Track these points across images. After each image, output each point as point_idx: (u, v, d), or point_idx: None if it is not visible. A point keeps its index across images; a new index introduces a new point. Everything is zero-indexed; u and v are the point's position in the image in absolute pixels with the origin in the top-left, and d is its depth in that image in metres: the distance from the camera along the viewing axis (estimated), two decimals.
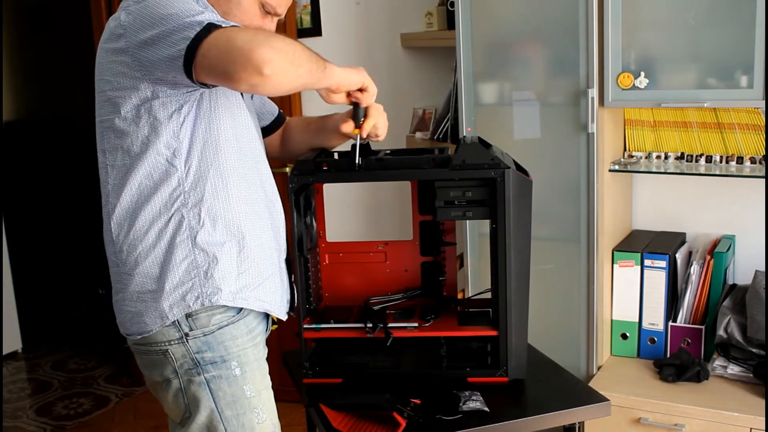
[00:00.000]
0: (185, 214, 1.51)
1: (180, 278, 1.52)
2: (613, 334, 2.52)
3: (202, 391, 1.55)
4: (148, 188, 1.51)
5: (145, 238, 1.52)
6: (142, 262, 1.53)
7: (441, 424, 1.59)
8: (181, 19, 1.38)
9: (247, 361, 1.59)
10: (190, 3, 1.43)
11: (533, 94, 2.43)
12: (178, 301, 1.52)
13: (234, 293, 1.55)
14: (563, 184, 2.40)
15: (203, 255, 1.52)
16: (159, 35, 1.40)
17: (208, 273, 1.53)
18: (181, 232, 1.52)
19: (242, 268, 1.56)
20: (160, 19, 1.40)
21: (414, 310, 1.87)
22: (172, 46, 1.38)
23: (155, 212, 1.52)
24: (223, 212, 1.54)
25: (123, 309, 1.60)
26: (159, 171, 1.50)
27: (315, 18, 3.19)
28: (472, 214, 1.69)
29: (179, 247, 1.52)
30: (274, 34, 1.42)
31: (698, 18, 2.20)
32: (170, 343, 1.55)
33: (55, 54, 5.29)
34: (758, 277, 2.34)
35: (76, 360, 4.25)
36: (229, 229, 1.54)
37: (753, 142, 2.36)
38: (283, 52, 1.36)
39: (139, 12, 1.43)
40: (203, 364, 1.54)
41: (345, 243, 1.97)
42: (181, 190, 1.51)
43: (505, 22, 2.46)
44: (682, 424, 2.22)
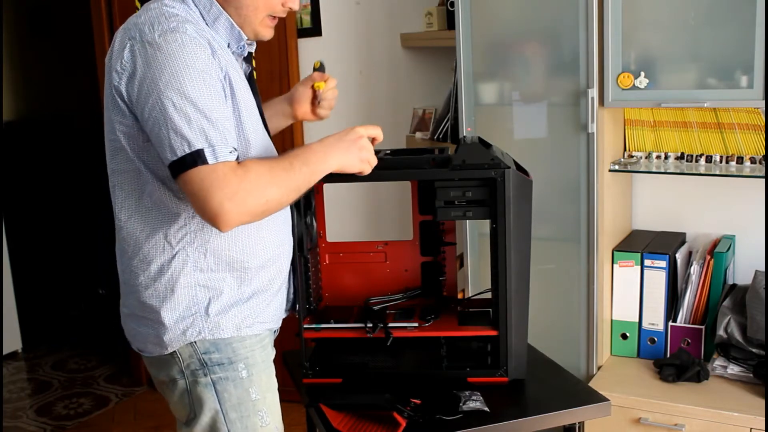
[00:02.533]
0: (191, 253, 1.51)
1: (180, 314, 1.52)
2: (613, 334, 2.52)
3: (207, 392, 1.54)
4: (154, 219, 1.51)
5: (147, 270, 1.52)
6: (143, 291, 1.53)
7: (441, 424, 1.59)
8: (184, 120, 1.38)
9: (254, 363, 1.58)
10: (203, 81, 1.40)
11: (533, 94, 2.43)
12: (179, 336, 1.53)
13: (237, 325, 1.55)
14: (563, 184, 2.40)
15: (204, 291, 1.53)
16: (161, 114, 1.39)
17: (209, 309, 1.53)
18: (185, 270, 1.51)
19: (244, 297, 1.56)
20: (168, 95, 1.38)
21: (414, 310, 1.87)
22: (163, 142, 1.39)
23: (160, 246, 1.51)
24: (228, 251, 1.53)
25: (128, 323, 1.62)
26: (166, 205, 1.50)
27: (315, 18, 3.19)
28: (472, 214, 1.69)
29: (182, 285, 1.51)
30: (255, 183, 1.40)
31: (698, 18, 2.20)
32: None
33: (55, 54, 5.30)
34: (758, 277, 2.34)
35: (76, 360, 4.25)
36: (232, 265, 1.54)
37: (753, 142, 2.36)
38: (253, 214, 1.40)
39: (153, 65, 1.40)
40: (210, 365, 1.54)
41: (345, 243, 1.97)
42: (187, 229, 1.51)
43: (505, 22, 2.46)
44: (682, 424, 2.22)
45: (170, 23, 1.42)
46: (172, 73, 1.39)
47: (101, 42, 3.44)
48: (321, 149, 1.53)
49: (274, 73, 3.19)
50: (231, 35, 1.56)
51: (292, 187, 1.46)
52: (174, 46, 1.40)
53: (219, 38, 1.53)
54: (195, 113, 1.38)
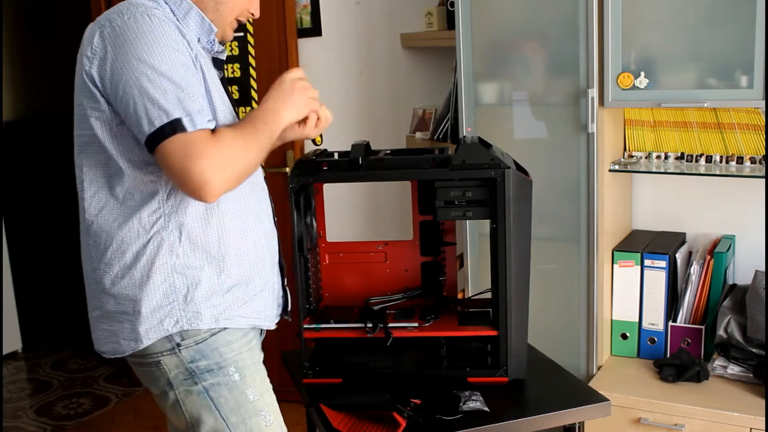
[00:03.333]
0: (165, 236, 1.48)
1: (158, 302, 1.49)
2: (613, 334, 2.52)
3: (202, 401, 1.52)
4: (127, 207, 1.49)
5: (122, 258, 1.49)
6: (119, 282, 1.50)
7: (441, 424, 1.59)
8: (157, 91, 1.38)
9: (245, 365, 1.56)
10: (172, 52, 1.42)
11: (533, 94, 2.43)
12: (155, 326, 1.49)
13: (216, 316, 1.52)
14: (563, 184, 2.40)
15: (182, 278, 1.49)
16: (133, 89, 1.39)
17: (188, 297, 1.50)
18: (160, 254, 1.48)
19: (224, 288, 1.53)
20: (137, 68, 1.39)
21: (414, 310, 1.87)
22: (139, 118, 1.39)
23: (134, 233, 1.48)
24: (204, 236, 1.51)
25: (98, 327, 1.57)
26: (139, 191, 1.48)
27: (315, 18, 3.19)
28: (472, 214, 1.69)
29: (158, 270, 1.48)
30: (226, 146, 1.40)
31: (698, 18, 2.19)
32: (162, 354, 1.51)
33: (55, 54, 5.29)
34: (758, 277, 2.34)
35: (76, 360, 4.25)
36: (209, 252, 1.51)
37: (753, 142, 2.36)
38: (234, 178, 1.41)
39: (118, 42, 1.41)
40: (199, 373, 1.51)
41: (345, 243, 1.97)
42: (161, 212, 1.48)
43: (505, 22, 2.46)
44: (682, 424, 2.22)
45: (138, 9, 1.44)
46: (142, 49, 1.39)
47: None
48: (271, 106, 1.53)
49: (274, 73, 3.18)
50: (201, 28, 1.56)
51: (260, 148, 1.47)
52: (143, 26, 1.41)
53: (189, 33, 1.53)
54: (169, 84, 1.38)
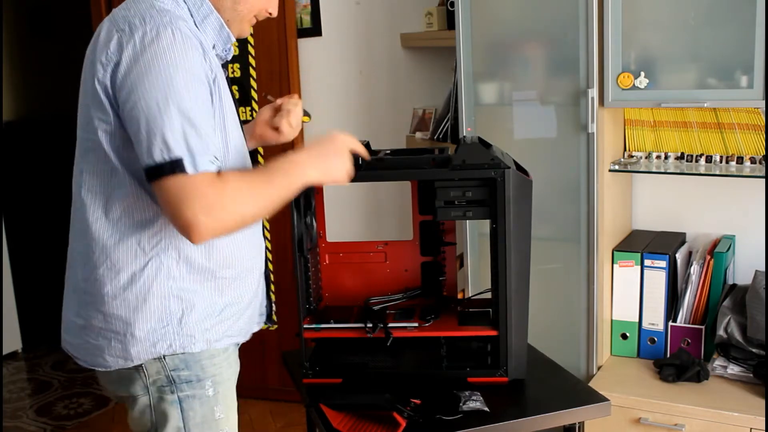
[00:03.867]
0: (164, 259, 1.43)
1: (152, 326, 1.44)
2: (613, 334, 2.52)
3: (173, 410, 1.49)
4: (125, 225, 1.42)
5: (116, 279, 1.43)
6: (111, 302, 1.44)
7: (441, 424, 1.59)
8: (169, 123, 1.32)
9: (221, 380, 1.53)
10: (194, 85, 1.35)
11: (533, 94, 2.43)
12: (148, 348, 1.45)
13: (208, 339, 1.49)
14: (563, 184, 2.40)
15: (178, 302, 1.45)
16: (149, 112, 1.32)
17: (182, 320, 1.46)
18: (158, 278, 1.43)
19: (218, 310, 1.50)
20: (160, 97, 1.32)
21: (414, 310, 1.87)
22: (143, 143, 1.33)
23: (131, 253, 1.43)
24: (202, 258, 1.46)
25: (81, 336, 1.52)
26: (141, 209, 1.42)
27: (315, 18, 3.19)
28: (472, 214, 1.69)
29: (155, 294, 1.44)
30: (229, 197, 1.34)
31: (698, 18, 2.19)
32: (146, 360, 1.48)
33: (55, 54, 5.29)
34: (758, 277, 2.34)
35: None
36: (205, 274, 1.47)
37: (753, 142, 2.36)
38: (226, 228, 1.36)
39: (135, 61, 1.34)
40: (178, 383, 1.48)
41: (345, 243, 1.97)
42: (162, 234, 1.43)
43: (505, 22, 2.46)
44: (682, 424, 2.22)
45: (163, 18, 1.36)
46: (160, 71, 1.32)
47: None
48: (299, 161, 1.49)
49: (274, 73, 3.19)
50: (219, 36, 1.50)
51: (270, 201, 1.42)
52: (165, 43, 1.33)
53: (206, 39, 1.46)
54: (179, 117, 1.32)
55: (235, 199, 1.35)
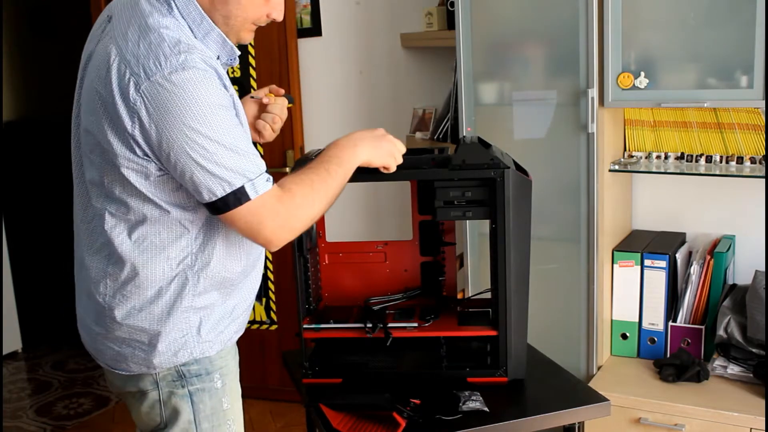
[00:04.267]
0: (190, 276, 1.48)
1: (174, 337, 1.49)
2: (613, 334, 2.52)
3: (184, 404, 1.52)
4: (154, 245, 1.45)
5: (141, 293, 1.47)
6: (135, 315, 1.48)
7: (441, 424, 1.59)
8: (213, 163, 1.34)
9: (228, 372, 1.57)
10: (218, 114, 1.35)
11: (533, 94, 2.43)
12: (170, 358, 1.50)
13: (223, 341, 1.55)
14: (563, 184, 2.40)
15: (196, 313, 1.50)
16: (186, 159, 1.35)
17: (200, 330, 1.51)
18: (183, 292, 1.48)
19: (228, 311, 1.55)
20: (187, 138, 1.33)
21: (414, 310, 1.87)
22: (199, 186, 1.37)
23: (160, 270, 1.46)
24: (223, 270, 1.51)
25: (102, 341, 1.54)
26: (169, 231, 1.46)
27: (315, 18, 3.19)
28: (472, 214, 1.69)
29: (178, 308, 1.48)
30: (296, 201, 1.42)
31: (698, 18, 2.19)
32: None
33: (55, 54, 5.29)
34: (758, 277, 2.34)
35: (76, 360, 4.25)
36: (224, 284, 1.52)
37: (753, 142, 2.35)
38: (303, 227, 1.46)
39: (162, 110, 1.33)
40: (189, 377, 1.52)
41: (345, 243, 1.97)
42: (189, 250, 1.47)
43: (505, 22, 2.46)
44: (682, 424, 2.22)
45: (178, 58, 1.34)
46: (189, 116, 1.33)
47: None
48: (350, 143, 1.56)
49: (274, 73, 3.19)
50: (223, 49, 1.51)
51: (332, 193, 1.51)
52: (187, 87, 1.33)
53: (209, 52, 1.46)
54: (224, 151, 1.35)
55: (304, 206, 1.44)
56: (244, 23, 1.51)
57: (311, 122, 3.24)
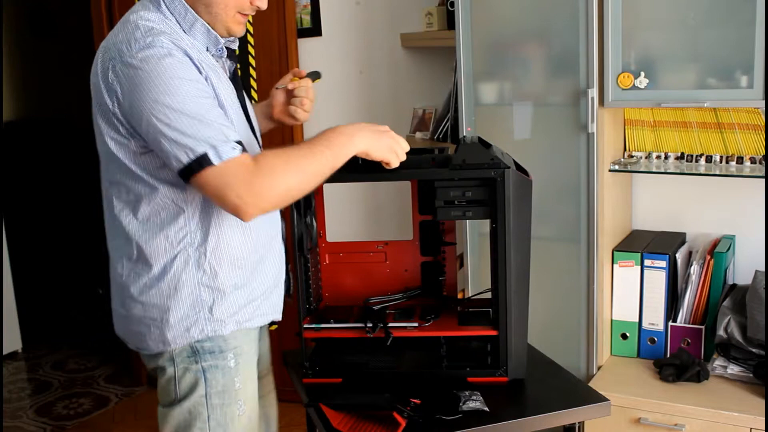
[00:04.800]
0: (191, 253, 1.55)
1: (185, 312, 1.56)
2: (613, 334, 2.52)
3: (197, 379, 1.60)
4: (155, 224, 1.55)
5: (150, 271, 1.56)
6: (147, 292, 1.57)
7: (441, 424, 1.59)
8: (177, 132, 1.42)
9: (242, 353, 1.64)
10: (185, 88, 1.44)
11: (533, 94, 2.43)
12: (182, 333, 1.57)
13: (239, 322, 1.61)
14: (563, 184, 2.40)
15: (208, 291, 1.57)
16: (155, 132, 1.43)
17: (213, 309, 1.58)
18: (187, 270, 1.55)
19: (246, 296, 1.62)
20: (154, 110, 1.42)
21: (414, 310, 1.87)
22: (169, 157, 1.44)
23: (162, 248, 1.55)
24: (227, 248, 1.57)
25: (126, 324, 1.64)
26: (166, 210, 1.54)
27: (315, 18, 3.19)
28: (472, 214, 1.69)
29: (185, 283, 1.56)
30: (271, 168, 1.44)
31: (698, 18, 2.19)
32: None
33: (55, 54, 5.30)
34: (758, 277, 2.34)
35: (76, 360, 4.25)
36: (234, 264, 1.59)
37: (753, 142, 2.36)
38: (274, 201, 1.45)
39: (133, 82, 1.44)
40: (202, 353, 1.59)
41: (345, 243, 1.97)
42: (187, 230, 1.55)
43: (505, 22, 2.46)
44: (682, 424, 2.22)
45: (146, 39, 1.46)
46: (155, 89, 1.42)
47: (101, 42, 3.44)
48: (348, 131, 1.55)
49: (275, 73, 3.19)
50: (209, 39, 1.58)
51: (312, 171, 1.48)
52: (152, 63, 1.43)
53: (197, 44, 1.57)
54: (188, 120, 1.42)
55: (274, 175, 1.44)
56: (227, 11, 1.57)
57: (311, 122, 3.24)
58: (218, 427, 1.61)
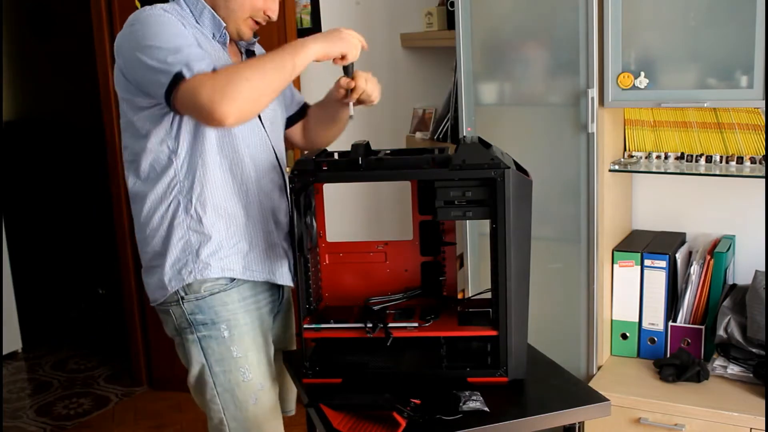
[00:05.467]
0: (181, 200, 1.74)
1: (177, 256, 1.75)
2: (613, 334, 2.52)
3: (194, 348, 1.79)
4: (151, 178, 1.75)
5: (151, 221, 1.76)
6: (150, 241, 1.78)
7: (441, 424, 1.59)
8: (158, 62, 1.61)
9: (236, 324, 1.79)
10: (169, 32, 1.64)
11: (533, 94, 2.43)
12: (176, 275, 1.76)
13: (222, 267, 1.76)
14: (563, 184, 2.40)
15: (196, 235, 1.75)
16: (143, 73, 1.63)
17: (199, 251, 1.75)
18: (178, 215, 1.74)
19: (231, 243, 1.77)
20: (143, 53, 1.62)
21: (414, 310, 1.87)
22: (153, 86, 1.63)
23: (158, 198, 1.75)
24: (211, 197, 1.74)
25: (145, 279, 1.85)
26: (161, 162, 1.73)
27: (315, 18, 3.19)
28: (472, 214, 1.69)
29: (177, 228, 1.75)
30: (233, 75, 1.59)
31: (698, 18, 2.20)
32: (171, 303, 1.79)
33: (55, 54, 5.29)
34: (758, 277, 2.34)
35: (76, 360, 4.25)
36: (217, 211, 1.75)
37: (753, 142, 2.36)
38: (240, 97, 1.57)
39: (128, 38, 1.67)
40: (195, 324, 1.78)
41: (345, 243, 1.97)
42: (177, 179, 1.74)
43: (505, 22, 2.46)
44: (682, 424, 2.22)
45: (145, 9, 1.68)
46: (141, 33, 1.64)
47: (101, 42, 3.44)
48: (304, 40, 1.70)
49: None
50: (213, 24, 1.78)
51: (271, 67, 1.63)
52: (144, 17, 1.66)
53: (205, 31, 1.77)
54: (163, 51, 1.60)
55: (235, 73, 1.59)
56: (242, 10, 1.77)
57: None
58: (225, 392, 1.79)
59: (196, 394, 1.85)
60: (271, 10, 1.80)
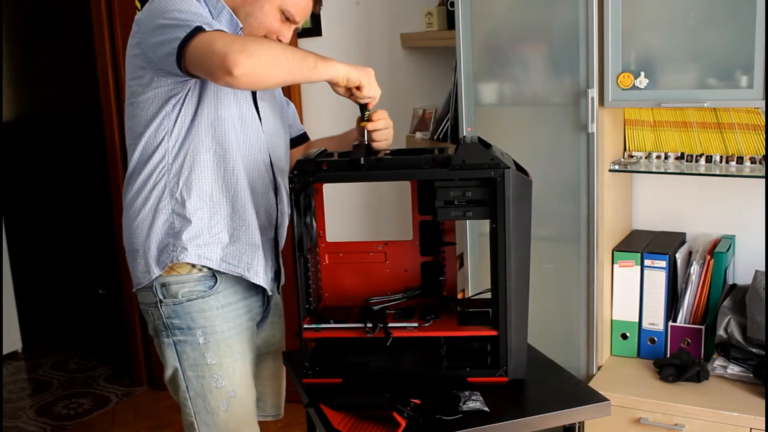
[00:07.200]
0: (167, 182, 1.75)
1: (160, 239, 1.76)
2: (613, 334, 2.52)
3: (169, 351, 1.81)
4: (141, 162, 1.76)
5: (137, 201, 1.77)
6: (134, 221, 1.78)
7: (441, 424, 1.59)
8: (177, 21, 1.60)
9: (213, 332, 1.79)
10: (190, 5, 1.64)
11: (533, 94, 2.43)
12: (156, 258, 1.76)
13: (199, 255, 1.76)
14: (563, 184, 2.40)
15: (179, 219, 1.75)
16: (160, 34, 1.62)
17: (180, 234, 1.75)
18: (163, 198, 1.75)
19: (212, 232, 1.77)
20: (162, 17, 1.62)
21: (414, 310, 1.87)
22: (168, 45, 1.60)
23: (145, 178, 1.75)
24: (198, 181, 1.74)
25: (130, 263, 1.83)
26: (154, 144, 1.74)
27: (315, 18, 3.19)
28: (472, 214, 1.69)
29: (161, 211, 1.75)
30: (255, 40, 1.63)
31: (698, 18, 2.20)
32: (150, 305, 1.80)
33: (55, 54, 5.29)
34: (758, 277, 2.34)
35: (76, 360, 4.25)
36: (202, 197, 1.75)
37: (753, 142, 2.36)
38: (256, 56, 1.54)
39: (149, 10, 1.67)
40: (171, 328, 1.79)
41: (345, 243, 1.97)
42: (165, 161, 1.74)
43: (505, 22, 2.46)
44: (682, 424, 2.22)
45: None
46: (162, 4, 1.64)
47: (101, 42, 3.44)
48: (332, 59, 1.73)
49: None
50: (230, 25, 1.78)
51: (294, 53, 1.64)
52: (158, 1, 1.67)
53: (223, 29, 1.72)
54: (186, 14, 1.61)
55: (257, 40, 1.63)
56: (260, 27, 1.81)
57: (311, 122, 3.24)
58: (197, 397, 1.81)
59: (171, 392, 1.89)
60: (284, 37, 1.85)
